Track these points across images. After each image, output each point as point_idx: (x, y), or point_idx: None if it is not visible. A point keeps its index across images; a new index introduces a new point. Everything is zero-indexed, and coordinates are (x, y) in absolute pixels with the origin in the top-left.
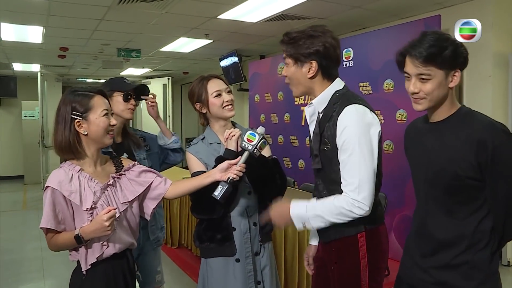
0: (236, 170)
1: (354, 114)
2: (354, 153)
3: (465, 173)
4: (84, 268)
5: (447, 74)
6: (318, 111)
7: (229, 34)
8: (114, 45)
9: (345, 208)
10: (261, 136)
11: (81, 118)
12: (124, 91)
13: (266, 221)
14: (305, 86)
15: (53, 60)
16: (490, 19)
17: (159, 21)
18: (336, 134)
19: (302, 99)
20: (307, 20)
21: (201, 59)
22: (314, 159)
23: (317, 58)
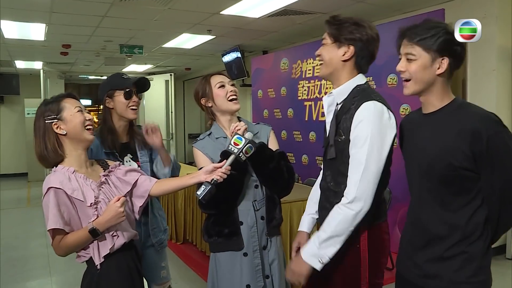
0: (221, 172)
1: (371, 111)
2: (363, 149)
3: (459, 164)
4: (98, 262)
5: (433, 58)
6: (337, 102)
7: (232, 29)
8: (117, 42)
9: (343, 210)
10: (247, 141)
11: (57, 119)
12: (124, 88)
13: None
14: (335, 68)
15: (56, 57)
16: (494, 13)
17: (161, 17)
18: (351, 127)
19: (306, 94)
20: (310, 15)
21: (203, 55)
22: (329, 150)
23: (356, 45)
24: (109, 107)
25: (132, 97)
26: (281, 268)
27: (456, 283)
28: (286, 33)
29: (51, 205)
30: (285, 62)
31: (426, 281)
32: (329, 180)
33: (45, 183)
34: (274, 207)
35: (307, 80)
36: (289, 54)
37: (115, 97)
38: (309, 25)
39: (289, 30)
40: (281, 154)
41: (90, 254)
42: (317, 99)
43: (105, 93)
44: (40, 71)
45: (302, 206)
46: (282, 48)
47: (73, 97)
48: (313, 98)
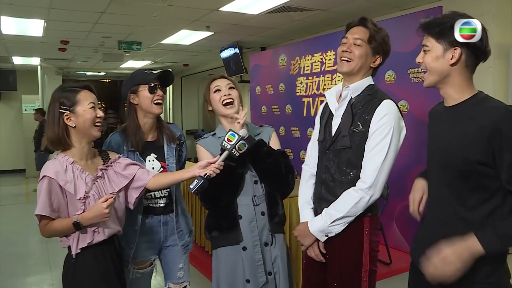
0: (214, 167)
1: (392, 108)
2: (385, 140)
3: (476, 159)
4: (74, 252)
5: (445, 49)
6: (351, 96)
7: (230, 26)
8: (115, 38)
9: (360, 194)
10: (240, 138)
11: (69, 111)
12: (148, 82)
13: None
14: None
15: (54, 53)
16: (491, 10)
17: (160, 13)
18: (371, 120)
19: (304, 90)
20: (308, 12)
21: (201, 51)
22: (339, 140)
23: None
24: (133, 103)
25: (157, 91)
26: (285, 266)
27: (472, 282)
28: (285, 29)
29: (42, 192)
30: (283, 59)
31: None
32: (333, 171)
33: (43, 169)
34: (275, 203)
35: (305, 77)
36: (288, 50)
37: (140, 92)
38: (307, 22)
39: (288, 26)
40: (281, 153)
41: (69, 242)
42: (315, 95)
43: (129, 89)
44: (37, 67)
45: None
46: (280, 44)
47: (90, 90)
48: (311, 94)
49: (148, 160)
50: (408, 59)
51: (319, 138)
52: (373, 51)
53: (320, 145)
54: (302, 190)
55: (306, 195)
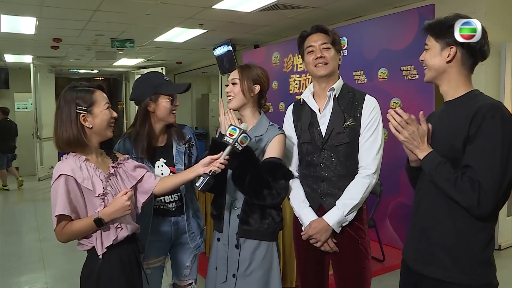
0: (219, 163)
1: (375, 102)
2: (378, 130)
3: (459, 145)
4: (100, 252)
5: (442, 47)
6: (335, 95)
7: (224, 23)
8: (108, 36)
9: (369, 179)
10: (242, 131)
11: (86, 112)
12: (171, 94)
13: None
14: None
15: (46, 51)
16: (483, 9)
17: (153, 11)
18: (362, 114)
19: (297, 88)
20: (301, 9)
21: (195, 48)
22: (335, 137)
23: None
24: (149, 111)
25: (175, 101)
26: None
27: (454, 273)
28: (278, 27)
29: (60, 191)
30: (277, 56)
31: (427, 268)
32: (333, 168)
33: (56, 169)
34: (251, 211)
35: (299, 74)
36: (281, 48)
37: (160, 102)
38: (300, 19)
39: (281, 24)
40: (267, 164)
41: (93, 243)
42: None
43: (149, 96)
44: (30, 65)
45: None
46: (273, 42)
47: (103, 90)
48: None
49: (157, 165)
50: (400, 56)
51: (303, 140)
52: (337, 52)
53: (308, 145)
54: (295, 193)
55: (300, 195)
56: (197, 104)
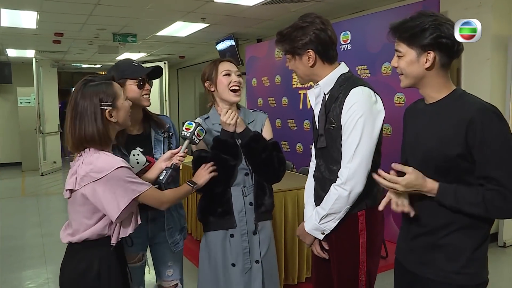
0: (179, 157)
1: (360, 95)
2: (354, 131)
3: (454, 153)
4: (114, 241)
5: (418, 54)
6: (324, 92)
7: (226, 17)
8: (110, 30)
9: (338, 190)
10: (197, 125)
11: (111, 107)
12: (138, 77)
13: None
14: (309, 75)
15: (48, 45)
16: (489, 2)
17: (155, 5)
18: (341, 114)
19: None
20: (304, 3)
21: (197, 43)
22: (319, 139)
23: (312, 46)
24: None
25: (145, 85)
26: (272, 253)
27: (447, 272)
28: (281, 21)
29: (127, 176)
30: (280, 50)
31: (421, 268)
32: (323, 169)
33: (105, 165)
34: (263, 193)
35: None
36: None
37: (127, 86)
38: (303, 13)
39: (284, 18)
40: (274, 144)
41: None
42: (311, 87)
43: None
44: (32, 59)
45: (297, 194)
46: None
47: (115, 81)
48: (307, 86)
49: (133, 154)
50: None
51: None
52: (299, 58)
53: (314, 143)
54: (307, 186)
55: (309, 191)
56: (200, 98)
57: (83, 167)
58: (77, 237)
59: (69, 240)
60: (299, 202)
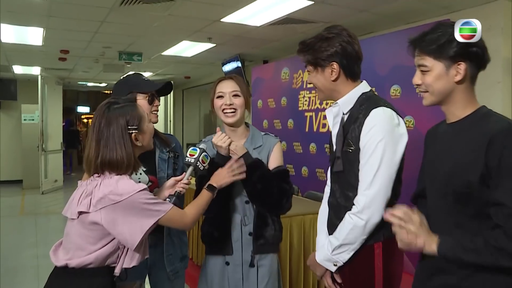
0: (183, 184)
1: (381, 117)
2: (374, 156)
3: (475, 178)
4: (118, 271)
5: (447, 66)
6: (343, 112)
7: (232, 38)
8: (116, 48)
9: (354, 219)
10: (202, 151)
11: (137, 130)
12: (148, 92)
13: None
14: (330, 90)
15: (54, 63)
16: (500, 25)
17: (161, 23)
18: (360, 136)
19: (306, 105)
20: (312, 24)
21: (203, 63)
22: (335, 162)
23: (336, 59)
24: None
25: (155, 101)
26: None
27: None
28: (287, 42)
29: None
30: (286, 72)
31: None
32: (338, 195)
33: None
34: (264, 224)
35: (308, 91)
36: (290, 63)
37: (137, 101)
38: (311, 35)
39: (291, 39)
40: (279, 174)
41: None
42: (318, 109)
43: (124, 96)
44: (38, 76)
45: (303, 220)
46: (282, 57)
47: (125, 95)
48: (314, 108)
49: (135, 173)
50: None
51: (329, 159)
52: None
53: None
54: (321, 212)
55: (323, 218)
56: (205, 120)
57: (102, 188)
58: (75, 261)
59: (66, 264)
60: (305, 229)
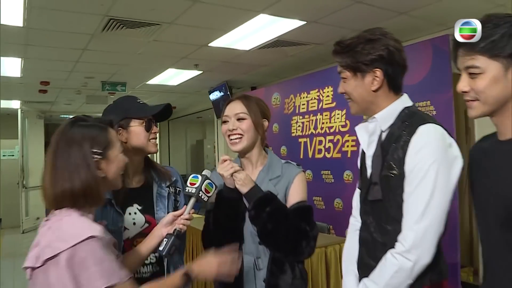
0: (183, 220)
1: (432, 135)
2: (426, 181)
3: None
4: None
5: (506, 67)
6: (381, 129)
7: (220, 64)
8: (98, 78)
9: (399, 260)
10: (205, 178)
11: (101, 156)
12: (144, 117)
13: None
14: (367, 102)
15: (34, 95)
16: None
17: (146, 50)
18: (406, 158)
19: (300, 130)
20: (303, 46)
21: (189, 92)
22: (371, 189)
23: (381, 65)
24: (121, 141)
25: (153, 127)
26: None
27: None
28: (277, 66)
29: (99, 256)
30: (277, 97)
31: None
32: (372, 229)
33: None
34: (279, 271)
35: (301, 115)
36: (281, 88)
37: (132, 128)
38: (301, 58)
39: (280, 63)
40: (299, 211)
41: None
42: (313, 135)
43: (117, 123)
44: (17, 110)
45: None
46: (271, 83)
47: (112, 127)
48: (308, 134)
49: (129, 212)
50: (415, 92)
51: (358, 185)
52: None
53: (360, 194)
54: (346, 249)
55: (350, 256)
56: (192, 150)
57: (48, 234)
58: None
59: None
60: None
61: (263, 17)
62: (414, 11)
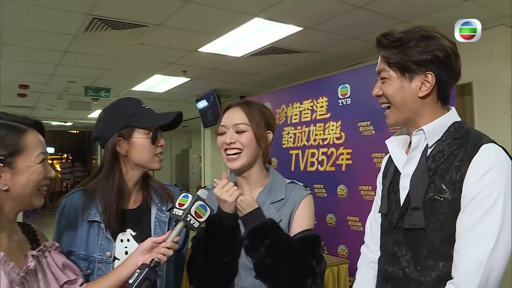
0: (164, 248)
1: (497, 158)
2: (494, 212)
3: None
4: None
5: None
6: (427, 144)
7: (209, 71)
8: (81, 83)
9: None
10: (196, 198)
11: (3, 164)
12: (151, 128)
13: None
14: (411, 109)
15: (13, 99)
16: (501, 52)
17: (132, 54)
18: (465, 181)
19: (291, 142)
20: (297, 54)
21: (176, 100)
22: (409, 215)
23: (434, 68)
24: (119, 153)
25: (160, 140)
26: None
27: None
28: (268, 75)
29: None
30: (268, 107)
31: None
32: (405, 263)
33: None
34: None
35: (293, 126)
36: (272, 98)
37: (134, 139)
38: (294, 66)
39: (272, 72)
40: (303, 242)
41: None
42: (305, 147)
43: (117, 131)
44: None
45: None
46: (261, 93)
47: (40, 130)
48: (300, 146)
49: (121, 239)
50: None
51: (381, 210)
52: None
53: (384, 219)
54: (359, 285)
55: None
56: (177, 160)
57: None
58: None
59: None
60: None
61: (258, 21)
62: (416, 19)
